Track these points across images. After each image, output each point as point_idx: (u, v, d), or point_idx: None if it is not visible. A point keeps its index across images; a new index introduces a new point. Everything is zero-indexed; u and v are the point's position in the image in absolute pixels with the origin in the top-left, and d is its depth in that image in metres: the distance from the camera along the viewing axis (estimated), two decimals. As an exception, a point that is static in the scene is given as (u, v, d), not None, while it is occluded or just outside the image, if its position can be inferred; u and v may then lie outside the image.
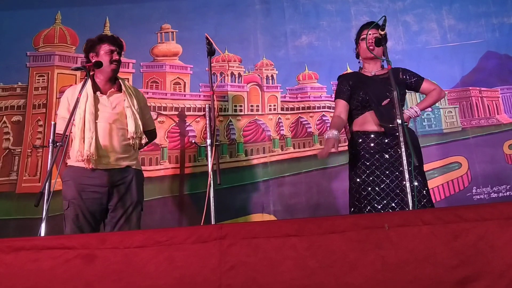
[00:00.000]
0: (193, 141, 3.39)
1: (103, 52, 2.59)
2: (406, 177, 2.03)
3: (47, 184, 2.15)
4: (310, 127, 3.82)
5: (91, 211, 2.45)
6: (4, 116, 3.69)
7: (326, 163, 3.63)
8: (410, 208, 2.00)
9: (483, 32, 3.95)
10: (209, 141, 2.42)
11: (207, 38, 2.54)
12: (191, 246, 1.42)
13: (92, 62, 2.48)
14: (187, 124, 3.74)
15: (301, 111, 3.85)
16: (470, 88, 3.85)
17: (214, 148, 2.38)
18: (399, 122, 2.12)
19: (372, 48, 2.47)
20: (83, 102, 2.45)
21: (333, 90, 3.34)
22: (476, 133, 3.76)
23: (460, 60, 3.87)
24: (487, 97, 3.85)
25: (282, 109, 3.85)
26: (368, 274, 1.33)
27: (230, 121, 3.79)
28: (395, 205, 2.33)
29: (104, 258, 1.42)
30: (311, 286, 1.33)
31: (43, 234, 2.17)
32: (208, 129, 2.47)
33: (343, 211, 3.22)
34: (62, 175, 2.49)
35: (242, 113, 3.82)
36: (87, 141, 2.42)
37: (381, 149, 2.44)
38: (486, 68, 3.88)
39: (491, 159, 3.65)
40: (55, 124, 2.51)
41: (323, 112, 3.84)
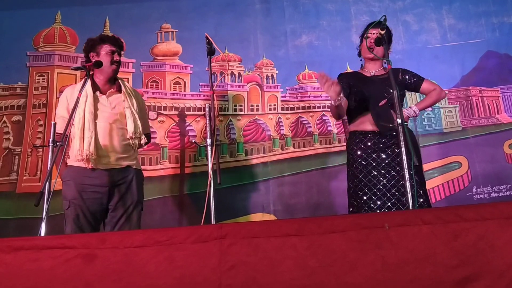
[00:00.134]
0: (193, 141, 3.39)
1: (104, 53, 2.59)
2: (406, 177, 2.03)
3: (47, 184, 2.15)
4: (310, 127, 3.81)
5: (92, 211, 2.45)
6: (4, 116, 3.69)
7: (326, 163, 3.63)
8: (410, 208, 2.00)
9: (483, 32, 3.94)
10: (209, 141, 2.41)
11: (207, 38, 2.53)
12: (191, 246, 1.41)
13: (92, 62, 2.48)
14: (187, 124, 3.74)
15: (301, 111, 3.85)
16: (470, 88, 3.85)
17: (214, 148, 2.38)
18: (399, 122, 2.12)
19: (372, 48, 2.47)
20: (83, 102, 2.45)
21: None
22: (476, 133, 3.75)
23: (460, 60, 3.87)
24: (487, 97, 3.85)
25: (282, 109, 3.85)
26: (368, 274, 1.33)
27: (230, 121, 3.78)
28: (391, 205, 2.33)
29: (104, 258, 1.42)
30: (311, 286, 1.33)
31: (43, 234, 2.17)
32: (208, 129, 2.46)
33: (343, 211, 3.21)
34: (62, 175, 2.49)
35: (242, 113, 3.82)
36: (87, 141, 2.42)
37: (378, 149, 2.44)
38: (486, 68, 3.88)
39: (491, 159, 3.65)
40: (55, 124, 2.50)
41: (323, 112, 3.84)
